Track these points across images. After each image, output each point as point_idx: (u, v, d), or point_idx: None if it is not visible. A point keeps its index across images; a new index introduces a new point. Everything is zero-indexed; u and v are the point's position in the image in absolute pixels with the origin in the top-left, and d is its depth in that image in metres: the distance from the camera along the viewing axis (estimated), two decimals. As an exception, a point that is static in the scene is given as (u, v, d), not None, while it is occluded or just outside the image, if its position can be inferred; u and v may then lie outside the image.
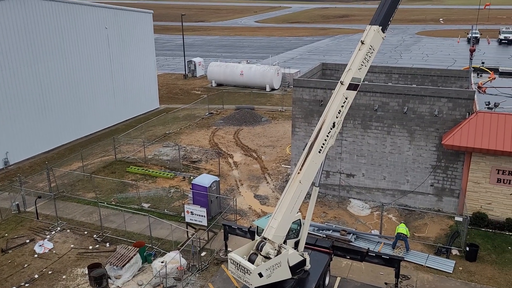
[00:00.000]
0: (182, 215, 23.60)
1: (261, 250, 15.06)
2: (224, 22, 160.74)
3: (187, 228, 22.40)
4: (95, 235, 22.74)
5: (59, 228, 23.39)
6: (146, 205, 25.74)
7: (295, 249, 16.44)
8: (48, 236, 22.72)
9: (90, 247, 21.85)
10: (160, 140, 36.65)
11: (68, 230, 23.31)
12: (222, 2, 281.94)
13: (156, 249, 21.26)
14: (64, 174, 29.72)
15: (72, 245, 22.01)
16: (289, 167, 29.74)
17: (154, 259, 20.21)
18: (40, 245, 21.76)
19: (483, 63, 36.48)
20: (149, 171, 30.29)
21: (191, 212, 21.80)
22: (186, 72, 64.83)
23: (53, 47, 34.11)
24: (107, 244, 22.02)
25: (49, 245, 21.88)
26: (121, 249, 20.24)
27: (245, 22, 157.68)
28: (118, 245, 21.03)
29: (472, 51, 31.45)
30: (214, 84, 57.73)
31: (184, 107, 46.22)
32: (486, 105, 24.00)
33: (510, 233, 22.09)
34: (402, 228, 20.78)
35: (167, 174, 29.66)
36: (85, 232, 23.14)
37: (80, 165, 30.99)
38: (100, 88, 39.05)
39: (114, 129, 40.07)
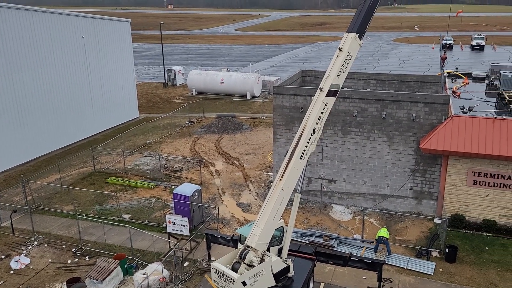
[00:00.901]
0: (164, 225, 23.33)
1: (244, 258, 15.00)
2: (203, 30, 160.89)
3: (169, 239, 22.15)
4: (74, 249, 22.27)
5: (36, 243, 22.84)
6: (126, 216, 25.39)
7: (278, 256, 16.43)
8: (24, 251, 22.16)
9: (69, 261, 21.39)
10: (140, 150, 36.29)
11: (45, 245, 22.79)
12: (201, 10, 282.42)
13: (137, 261, 20.95)
14: (41, 186, 29.12)
15: (50, 260, 21.51)
16: (271, 174, 29.79)
17: (135, 271, 19.90)
18: (16, 261, 21.18)
19: (457, 68, 37.40)
20: (129, 181, 29.93)
21: (173, 222, 21.59)
22: (166, 81, 64.52)
23: (28, 57, 33.53)
24: (87, 258, 21.59)
25: (26, 261, 21.31)
26: (101, 262, 19.88)
27: (225, 30, 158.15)
28: (98, 258, 20.65)
29: (443, 59, 32.29)
30: (194, 93, 57.59)
31: (164, 116, 45.94)
32: (461, 109, 24.56)
33: (487, 234, 22.55)
34: (384, 232, 21.02)
35: (148, 184, 29.36)
36: (64, 246, 22.65)
37: (57, 177, 30.41)
38: (77, 98, 38.51)
39: (93, 139, 39.52)
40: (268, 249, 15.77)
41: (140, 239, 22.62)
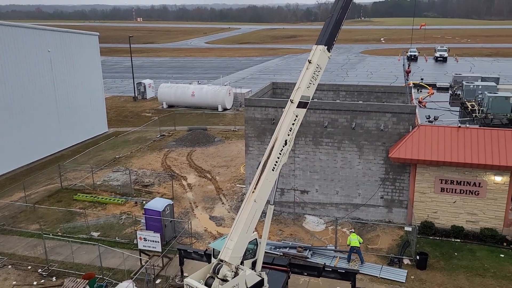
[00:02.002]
0: (135, 242, 22.83)
1: (218, 273, 14.77)
2: (173, 43, 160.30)
3: (140, 256, 21.66)
4: (40, 270, 21.44)
5: None
6: (95, 234, 24.71)
7: (252, 269, 16.28)
8: (-12, 273, 21.23)
9: (35, 283, 20.56)
10: (110, 165, 35.55)
11: (9, 266, 21.85)
12: (171, 23, 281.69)
13: (107, 280, 20.36)
14: (4, 205, 28.07)
15: (14, 282, 20.63)
16: (244, 186, 29.69)
17: (106, 290, 19.34)
18: (-21, 283, 20.28)
19: (422, 79, 38.52)
20: (98, 197, 29.22)
21: (144, 238, 21.15)
22: (136, 94, 63.75)
23: (-8, 71, 32.53)
24: (54, 278, 20.83)
25: (-11, 283, 20.44)
26: (69, 282, 19.23)
27: (195, 43, 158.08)
28: (66, 279, 19.97)
29: (407, 73, 33.39)
30: (165, 106, 57.09)
31: (134, 130, 45.27)
32: (427, 118, 25.25)
33: (456, 240, 23.08)
34: (355, 241, 21.17)
35: (118, 200, 28.73)
36: (29, 267, 21.80)
37: (22, 195, 29.34)
38: (43, 113, 37.51)
39: (60, 155, 38.48)
40: (242, 263, 15.60)
41: (110, 257, 22.02)
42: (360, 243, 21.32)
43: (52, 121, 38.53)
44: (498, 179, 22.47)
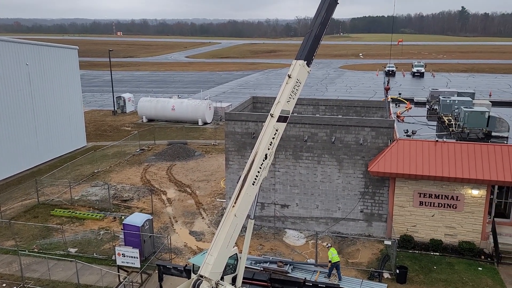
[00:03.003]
0: (113, 258, 22.39)
1: (197, 289, 14.59)
2: (154, 57, 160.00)
3: (118, 272, 21.23)
4: (15, 287, 20.80)
5: (-28, 282, 21.22)
6: (73, 250, 24.15)
7: (232, 284, 16.13)
8: (-41, 292, 20.49)
9: (10, 301, 19.98)
10: (88, 180, 34.95)
11: (-17, 284, 21.19)
12: (151, 38, 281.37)
13: (85, 296, 19.88)
14: (-21, 221, 27.24)
15: (-12, 300, 20.00)
16: (224, 201, 29.53)
17: (82, 308, 18.86)
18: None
19: (400, 94, 39.26)
20: (76, 213, 28.63)
21: (122, 254, 20.78)
22: (115, 108, 63.16)
23: (-33, 85, 31.83)
24: (29, 296, 20.26)
25: (-39, 303, 19.71)
26: (45, 300, 18.68)
27: (175, 58, 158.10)
28: (42, 296, 19.43)
29: (387, 90, 34.03)
30: (145, 120, 56.67)
31: (113, 144, 44.71)
32: (405, 132, 25.67)
33: (435, 253, 23.34)
34: (336, 257, 21.07)
35: (96, 215, 28.21)
36: (4, 285, 21.11)
37: (-3, 210, 28.60)
38: (20, 127, 36.76)
39: (37, 170, 37.67)
40: (222, 278, 15.45)
41: (87, 274, 21.53)
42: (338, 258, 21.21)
43: (29, 135, 37.78)
44: (475, 192, 22.91)
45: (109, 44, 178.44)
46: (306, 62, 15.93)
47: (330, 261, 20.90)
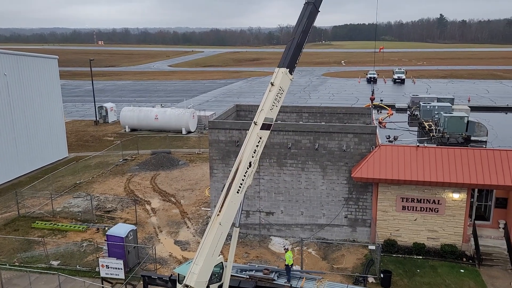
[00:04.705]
0: (97, 269, 22.08)
1: (183, 299, 14.50)
2: (136, 66, 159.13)
3: (102, 284, 20.96)
4: (-5, 302, 20.38)
5: (-49, 298, 20.64)
6: (55, 263, 23.73)
7: (218, 293, 16.06)
8: None
9: (-10, 316, 19.49)
10: (70, 191, 34.45)
11: (-38, 300, 20.64)
12: (133, 47, 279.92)
13: (68, 310, 19.53)
14: (-42, 235, 26.57)
15: (-33, 317, 19.47)
16: (209, 209, 29.43)
17: (66, 322, 18.51)
18: None
19: (381, 100, 39.83)
20: (58, 225, 28.17)
21: (106, 265, 20.52)
22: (97, 118, 62.52)
23: None
24: (10, 311, 19.83)
25: None
26: (27, 314, 18.30)
27: (158, 67, 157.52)
28: (24, 310, 19.02)
29: (372, 100, 34.73)
30: (128, 130, 56.21)
31: (96, 154, 44.21)
32: (387, 138, 26.04)
33: (418, 257, 23.63)
34: (290, 260, 21.15)
35: (79, 227, 27.79)
36: (-16, 300, 20.65)
37: (-24, 224, 27.96)
38: None
39: (17, 182, 36.98)
40: (208, 287, 15.39)
41: (70, 286, 21.17)
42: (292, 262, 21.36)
43: (8, 146, 37.11)
44: (456, 196, 23.32)
45: (90, 53, 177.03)
46: (288, 69, 16.10)
47: (286, 264, 21.02)
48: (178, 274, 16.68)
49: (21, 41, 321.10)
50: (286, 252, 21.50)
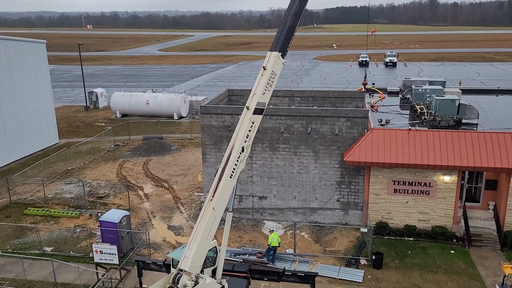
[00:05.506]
0: (91, 255, 22.12)
1: (177, 283, 14.57)
2: (126, 51, 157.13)
3: (96, 269, 21.01)
4: (-11, 289, 20.38)
5: None
6: (48, 249, 23.73)
7: (212, 277, 16.17)
8: None
9: (-16, 303, 19.52)
10: (62, 177, 34.27)
11: (-45, 287, 20.62)
12: (122, 31, 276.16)
13: (62, 295, 19.60)
14: (-51, 223, 26.41)
15: (-39, 304, 19.48)
16: (202, 194, 29.48)
17: (60, 307, 18.60)
18: None
19: (373, 84, 39.85)
20: (51, 211, 28.09)
21: (100, 251, 20.56)
22: (88, 104, 61.93)
23: None
24: (5, 297, 19.86)
25: None
26: (21, 300, 18.34)
27: (148, 51, 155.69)
28: (18, 297, 19.06)
29: (364, 85, 34.73)
30: (118, 115, 55.78)
31: (87, 140, 43.90)
32: (379, 122, 26.11)
33: (409, 239, 23.96)
34: (276, 242, 21.53)
35: (71, 213, 27.74)
36: (-23, 287, 20.65)
37: (-32, 211, 27.79)
38: (-11, 125, 35.70)
39: (7, 169, 36.68)
40: (202, 271, 15.47)
41: (64, 272, 21.22)
42: (279, 243, 21.84)
43: (-3, 133, 36.72)
44: (447, 178, 23.56)
45: (78, 38, 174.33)
46: (280, 53, 15.95)
47: (268, 245, 21.53)
48: (172, 258, 16.75)
49: (8, 25, 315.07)
50: (271, 233, 21.96)
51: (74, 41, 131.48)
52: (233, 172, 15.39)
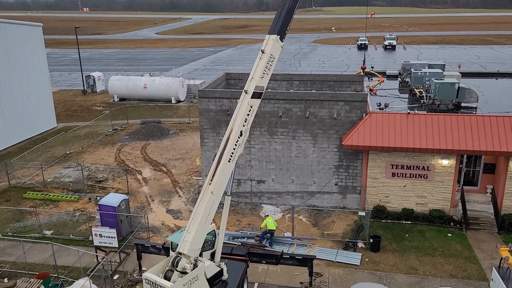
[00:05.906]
0: (90, 238, 22.25)
1: (177, 266, 14.70)
2: (123, 34, 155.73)
3: (96, 252, 21.16)
4: (-10, 272, 20.53)
5: None
6: (48, 232, 23.86)
7: (211, 260, 16.32)
8: None
9: (-15, 286, 19.69)
10: (60, 161, 34.27)
11: (-44, 270, 20.77)
12: (119, 14, 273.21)
13: (63, 278, 19.76)
14: None
15: (-38, 286, 19.65)
16: (200, 178, 29.55)
17: (61, 290, 18.77)
18: None
19: (372, 67, 39.63)
20: (50, 195, 28.16)
21: (99, 234, 20.65)
22: (85, 88, 61.58)
23: None
24: (5, 280, 19.96)
25: None
26: (22, 283, 18.53)
27: (145, 34, 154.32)
28: (19, 279, 19.22)
29: (363, 69, 34.53)
30: (116, 99, 55.53)
31: (85, 124, 43.77)
32: (378, 106, 26.05)
33: (407, 222, 24.13)
34: (272, 225, 21.72)
35: (70, 197, 27.81)
36: (-22, 270, 20.80)
37: (-33, 195, 27.85)
38: (-14, 109, 35.53)
39: (6, 153, 36.65)
40: (200, 254, 15.60)
41: (64, 255, 21.38)
42: (276, 227, 22.03)
43: (-5, 117, 36.58)
44: (445, 162, 23.61)
45: (75, 21, 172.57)
46: (279, 36, 15.81)
47: (260, 228, 22.08)
48: (171, 242, 16.86)
49: (3, 8, 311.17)
50: (266, 218, 22.24)
51: (71, 24, 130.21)
52: (231, 156, 15.40)
